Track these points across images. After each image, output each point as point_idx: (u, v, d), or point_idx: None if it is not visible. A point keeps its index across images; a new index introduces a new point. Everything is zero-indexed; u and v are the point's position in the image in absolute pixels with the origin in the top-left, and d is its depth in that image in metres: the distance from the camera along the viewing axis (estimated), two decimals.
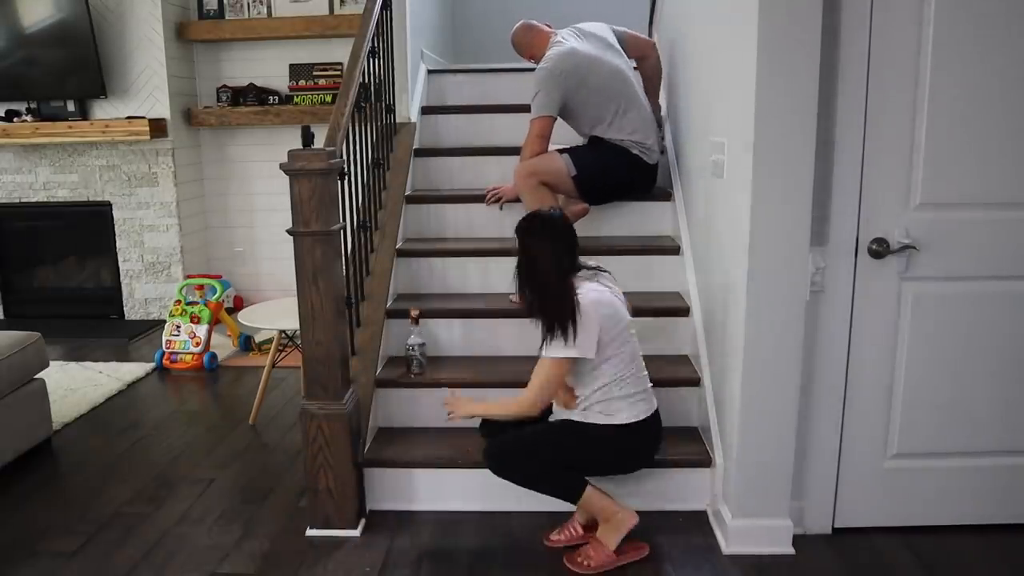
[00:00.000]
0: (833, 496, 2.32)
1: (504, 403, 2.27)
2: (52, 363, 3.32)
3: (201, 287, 4.23)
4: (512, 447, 2.22)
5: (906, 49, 2.07)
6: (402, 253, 3.08)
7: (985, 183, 2.13)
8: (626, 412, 2.19)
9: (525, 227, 2.21)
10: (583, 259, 2.27)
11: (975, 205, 2.15)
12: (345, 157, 2.49)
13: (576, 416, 2.23)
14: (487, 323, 2.87)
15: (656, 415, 2.28)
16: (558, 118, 2.98)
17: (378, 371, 2.71)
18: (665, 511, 2.46)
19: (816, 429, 2.27)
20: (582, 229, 3.16)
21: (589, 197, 3.09)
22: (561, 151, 3.01)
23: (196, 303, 4.12)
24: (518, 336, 2.81)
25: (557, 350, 2.12)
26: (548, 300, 2.15)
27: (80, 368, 3.97)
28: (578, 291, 2.14)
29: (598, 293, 2.17)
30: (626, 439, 2.21)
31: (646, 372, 2.28)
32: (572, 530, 2.31)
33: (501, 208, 3.20)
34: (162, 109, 4.54)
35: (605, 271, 2.32)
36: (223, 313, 4.22)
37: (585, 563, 2.18)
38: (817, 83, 2.00)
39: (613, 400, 2.19)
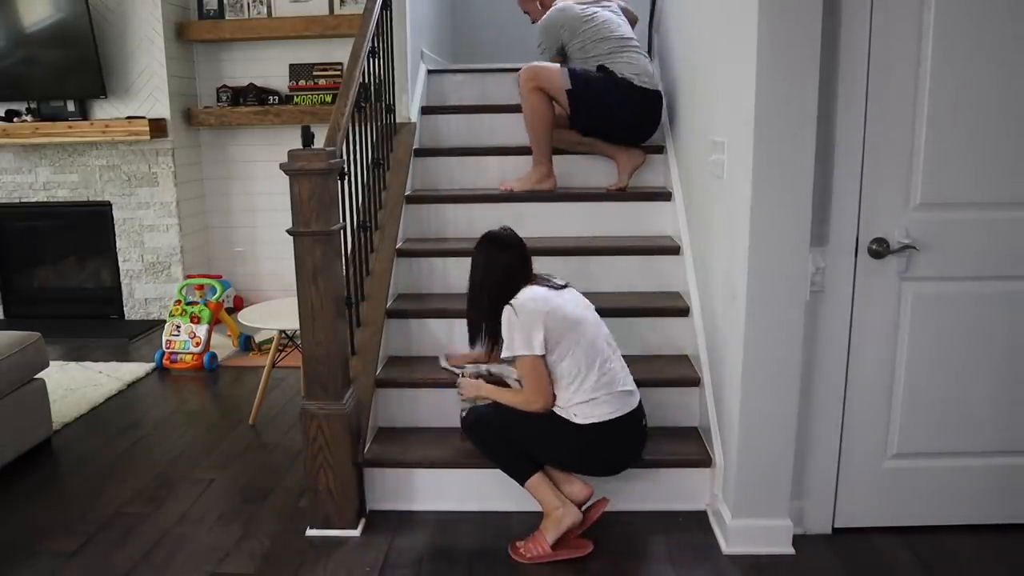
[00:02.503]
0: (833, 496, 2.32)
1: (511, 393, 2.31)
2: (52, 363, 3.31)
3: (201, 287, 4.23)
4: (488, 419, 2.29)
5: (906, 50, 2.07)
6: (402, 253, 3.08)
7: (985, 183, 2.13)
8: (588, 413, 2.19)
9: (476, 244, 2.34)
10: (544, 274, 2.34)
11: (975, 205, 2.15)
12: (345, 157, 2.49)
13: (555, 409, 2.27)
14: None
15: (630, 418, 2.24)
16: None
17: (378, 371, 2.71)
18: (665, 511, 2.46)
19: (816, 429, 2.28)
20: (583, 228, 3.21)
21: (581, 118, 3.25)
22: (563, 65, 3.28)
23: (196, 303, 4.12)
24: None
25: (508, 350, 2.21)
26: (479, 311, 2.32)
27: (80, 368, 3.97)
28: (517, 296, 2.23)
29: (533, 291, 2.24)
30: (590, 439, 2.20)
31: (619, 373, 2.25)
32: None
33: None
34: (162, 109, 4.54)
35: (559, 282, 2.33)
36: (223, 313, 4.22)
37: (522, 551, 2.22)
38: (817, 83, 2.00)
39: (574, 402, 2.21)
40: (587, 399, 2.19)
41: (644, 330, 2.83)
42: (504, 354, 2.23)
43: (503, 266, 2.28)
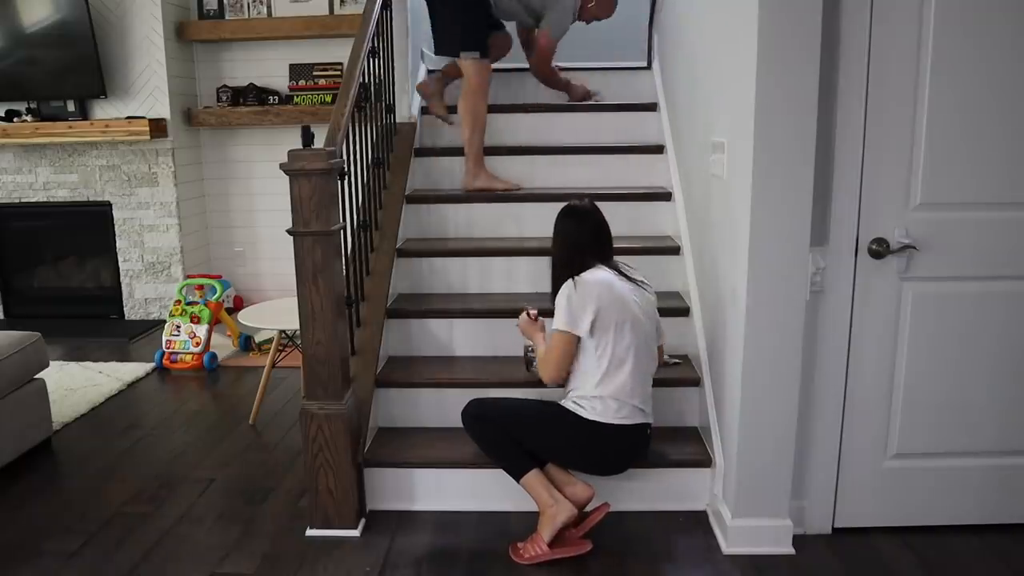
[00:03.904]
0: (833, 496, 2.32)
1: (543, 348, 2.31)
2: (52, 363, 3.31)
3: (201, 287, 4.23)
4: (487, 409, 2.30)
5: (906, 50, 2.07)
6: (402, 253, 3.08)
7: (985, 183, 2.13)
8: (599, 410, 2.20)
9: (558, 214, 2.37)
10: (620, 259, 2.37)
11: (975, 205, 2.15)
12: (345, 157, 2.49)
13: (564, 401, 2.27)
14: (487, 323, 2.87)
15: (637, 429, 2.25)
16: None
17: (378, 371, 2.71)
18: (665, 511, 2.46)
19: (816, 429, 2.28)
20: None
21: (480, 40, 3.26)
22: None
23: (196, 303, 4.12)
24: (518, 336, 2.81)
25: (554, 322, 2.22)
26: (555, 274, 2.30)
27: (80, 368, 3.97)
28: (583, 273, 2.23)
29: (604, 275, 2.24)
30: (592, 434, 2.21)
31: (644, 390, 2.27)
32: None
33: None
34: (162, 109, 4.54)
35: (636, 276, 2.33)
36: (223, 313, 4.22)
37: (522, 552, 2.22)
38: (817, 83, 2.01)
39: (591, 395, 2.22)
40: (607, 396, 2.20)
41: None
42: (552, 325, 2.24)
43: (572, 238, 2.30)
